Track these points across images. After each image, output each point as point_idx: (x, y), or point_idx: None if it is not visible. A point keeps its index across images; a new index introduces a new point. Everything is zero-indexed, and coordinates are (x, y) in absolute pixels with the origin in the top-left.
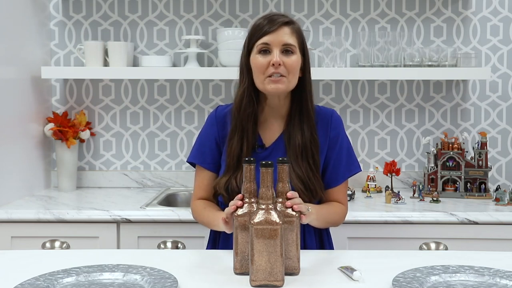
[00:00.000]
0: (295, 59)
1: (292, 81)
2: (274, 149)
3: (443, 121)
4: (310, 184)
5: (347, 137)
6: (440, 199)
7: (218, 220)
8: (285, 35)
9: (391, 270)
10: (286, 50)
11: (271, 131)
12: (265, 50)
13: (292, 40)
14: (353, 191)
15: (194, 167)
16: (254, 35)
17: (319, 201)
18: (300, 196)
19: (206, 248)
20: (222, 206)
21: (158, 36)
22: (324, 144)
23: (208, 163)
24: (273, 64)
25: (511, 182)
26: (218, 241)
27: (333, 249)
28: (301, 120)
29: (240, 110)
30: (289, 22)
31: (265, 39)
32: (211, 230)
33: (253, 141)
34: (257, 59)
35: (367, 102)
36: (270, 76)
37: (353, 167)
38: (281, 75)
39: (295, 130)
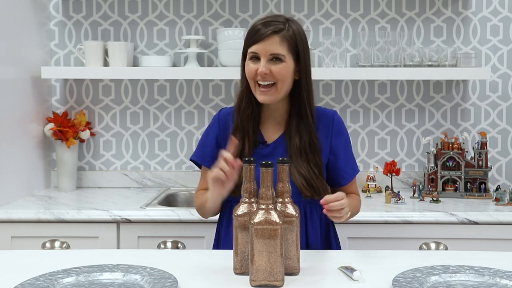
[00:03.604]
0: (283, 66)
1: (283, 88)
2: (276, 146)
3: (443, 121)
4: (313, 182)
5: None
6: (440, 199)
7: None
8: (273, 45)
9: (391, 270)
10: (275, 58)
11: (273, 130)
12: (255, 57)
13: (280, 49)
14: None
15: (198, 166)
16: (248, 41)
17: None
18: (302, 192)
19: (213, 248)
20: (227, 203)
21: (158, 36)
22: (326, 145)
23: (208, 161)
24: (260, 74)
25: (511, 182)
26: (221, 239)
27: (340, 248)
28: (299, 123)
29: (240, 110)
30: (280, 30)
31: (253, 48)
32: (216, 229)
33: (254, 138)
34: (248, 66)
35: (367, 102)
36: (258, 83)
37: (356, 166)
38: (270, 84)
39: (293, 133)
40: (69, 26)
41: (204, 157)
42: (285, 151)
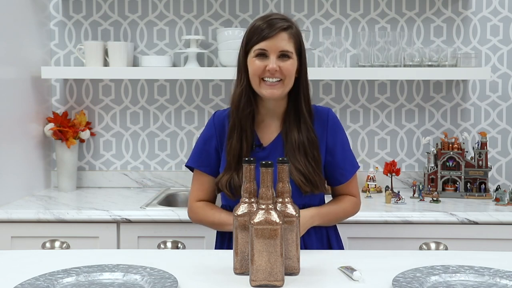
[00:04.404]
0: (290, 63)
1: (288, 85)
2: (272, 149)
3: (443, 121)
4: (311, 177)
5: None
6: (440, 199)
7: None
8: (283, 41)
9: (391, 270)
10: (283, 55)
11: (269, 131)
12: (263, 54)
13: (289, 46)
14: None
15: (192, 171)
16: (253, 38)
17: (322, 196)
18: (301, 188)
19: (215, 246)
20: (227, 208)
21: (158, 36)
22: (322, 143)
23: (205, 167)
24: (269, 70)
25: (511, 182)
26: (227, 241)
27: (343, 249)
28: (297, 119)
29: (238, 109)
30: (288, 28)
31: (262, 44)
32: (217, 232)
33: (251, 140)
34: (254, 63)
35: (367, 102)
36: (264, 79)
37: (356, 162)
38: (277, 81)
39: (291, 129)
40: (69, 26)
41: (201, 162)
42: (281, 153)
